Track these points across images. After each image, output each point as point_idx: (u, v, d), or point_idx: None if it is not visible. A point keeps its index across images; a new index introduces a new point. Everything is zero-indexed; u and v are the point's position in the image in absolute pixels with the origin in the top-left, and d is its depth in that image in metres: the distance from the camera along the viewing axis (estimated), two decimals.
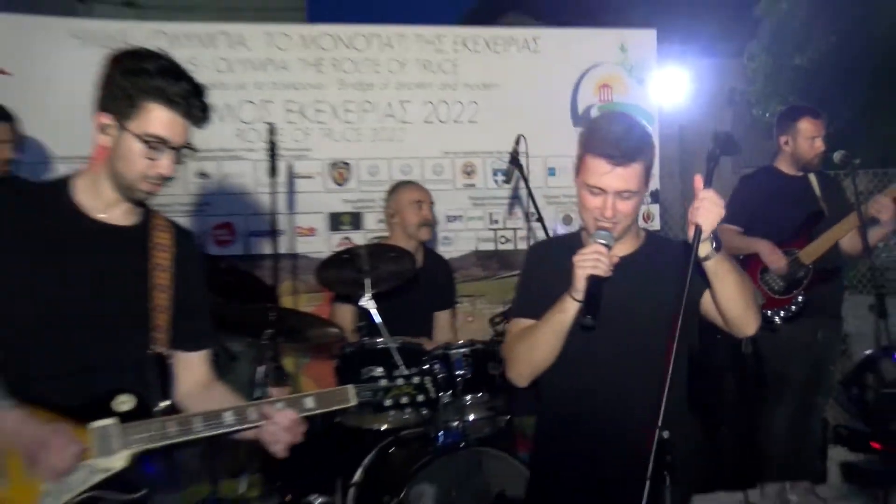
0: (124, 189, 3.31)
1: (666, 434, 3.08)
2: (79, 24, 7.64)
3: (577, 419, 3.72)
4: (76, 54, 7.11)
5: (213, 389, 3.61)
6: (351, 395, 3.55)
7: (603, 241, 3.51)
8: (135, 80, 3.18)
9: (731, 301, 3.57)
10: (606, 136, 3.66)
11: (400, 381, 3.66)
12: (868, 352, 7.88)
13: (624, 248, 3.68)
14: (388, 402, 3.65)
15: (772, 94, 16.44)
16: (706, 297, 3.65)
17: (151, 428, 3.23)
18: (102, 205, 3.35)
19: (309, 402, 3.46)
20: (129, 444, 3.18)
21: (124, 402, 3.24)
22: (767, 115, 16.23)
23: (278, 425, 3.36)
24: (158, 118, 3.21)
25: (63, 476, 3.07)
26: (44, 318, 3.22)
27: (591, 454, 3.69)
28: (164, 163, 3.27)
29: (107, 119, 3.23)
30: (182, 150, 3.32)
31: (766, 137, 16.52)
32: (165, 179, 3.33)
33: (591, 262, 3.45)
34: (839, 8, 15.49)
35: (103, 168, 3.29)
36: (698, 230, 3.31)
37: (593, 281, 3.45)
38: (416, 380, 3.67)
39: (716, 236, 3.43)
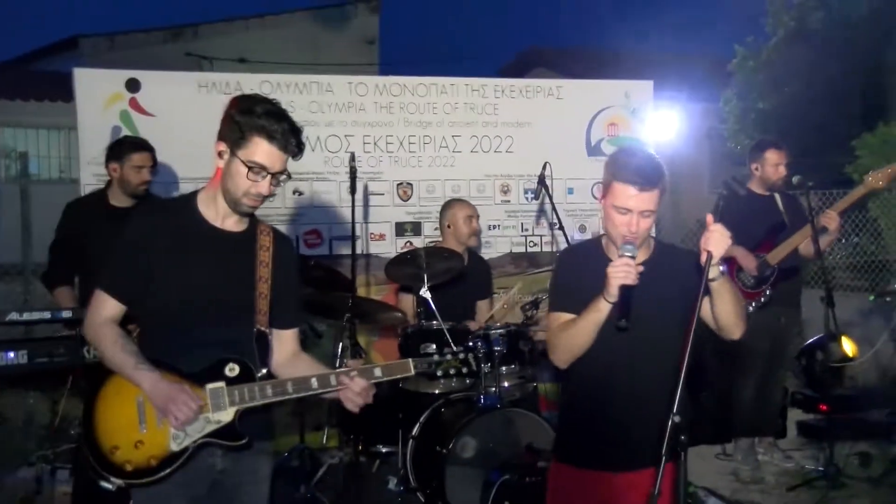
0: (232, 203, 3.34)
1: (678, 419, 2.99)
2: (204, 77, 7.78)
3: (599, 394, 3.65)
4: (201, 99, 7.13)
5: (299, 359, 3.61)
6: (410, 367, 3.58)
7: (629, 254, 3.39)
8: (246, 118, 3.23)
9: (727, 314, 3.54)
10: (631, 167, 3.58)
11: (448, 357, 3.67)
12: (818, 336, 7.76)
13: (639, 256, 3.50)
14: (439, 373, 3.67)
15: (741, 131, 16.56)
16: (704, 305, 3.49)
17: (254, 389, 3.32)
18: (219, 216, 3.40)
19: (377, 372, 3.49)
20: (235, 401, 3.29)
21: (233, 369, 3.32)
22: (738, 147, 16.30)
23: (352, 390, 3.40)
24: (261, 149, 3.24)
25: (186, 424, 3.19)
26: (179, 305, 3.31)
27: (610, 417, 3.64)
28: (263, 184, 3.29)
29: (222, 146, 3.28)
30: (280, 176, 3.32)
31: (736, 164, 16.57)
32: (265, 197, 3.35)
33: (623, 273, 3.34)
34: (792, 67, 15.52)
35: (219, 187, 3.34)
36: (709, 256, 3.29)
37: (625, 289, 3.35)
38: (461, 356, 3.69)
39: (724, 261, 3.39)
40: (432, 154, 7.71)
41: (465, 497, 5.32)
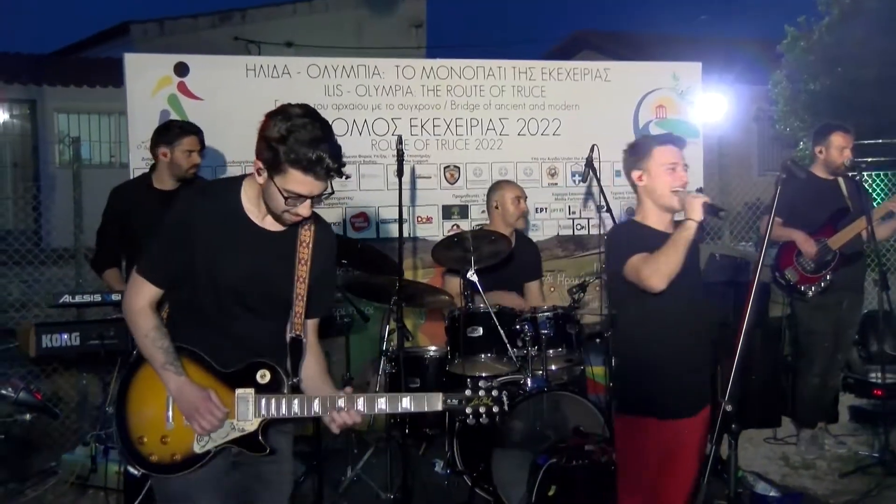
0: (274, 216, 3.25)
1: (730, 408, 3.15)
2: (252, 60, 7.68)
3: (667, 347, 4.06)
4: (249, 83, 7.19)
5: (311, 353, 3.49)
6: (439, 403, 3.35)
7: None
8: (281, 146, 3.04)
9: None
10: (662, 135, 4.31)
11: (482, 394, 3.34)
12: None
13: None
14: (468, 410, 3.34)
15: (790, 113, 16.24)
16: None
17: (280, 403, 3.28)
18: (261, 214, 3.29)
19: (405, 403, 3.35)
20: (261, 412, 3.27)
21: (264, 375, 3.29)
22: (787, 129, 16.05)
23: (344, 418, 3.31)
24: (296, 180, 3.08)
25: (211, 432, 3.21)
26: (214, 297, 3.26)
27: (678, 368, 4.06)
28: (302, 209, 3.17)
29: (259, 165, 3.14)
30: (321, 196, 3.19)
31: (785, 147, 16.35)
32: (305, 218, 3.25)
33: (702, 198, 3.96)
34: (845, 47, 15.21)
35: (260, 193, 3.23)
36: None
37: (707, 205, 3.96)
38: (494, 393, 3.35)
39: None
40: (479, 137, 7.67)
41: (512, 480, 5.29)
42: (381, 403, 3.33)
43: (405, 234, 6.38)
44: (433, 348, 6.18)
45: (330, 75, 7.36)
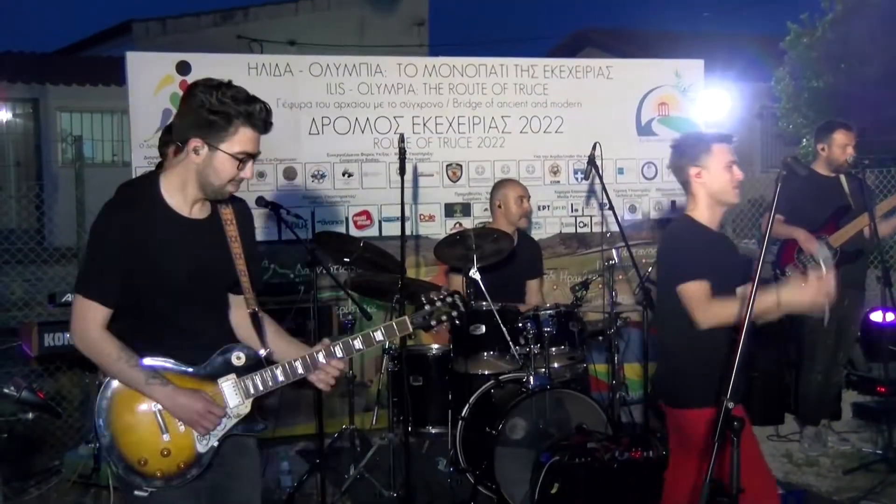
0: (215, 193, 3.24)
1: (731, 405, 3.14)
2: (254, 59, 7.70)
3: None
4: (251, 82, 6.97)
5: (266, 324, 3.54)
6: (408, 325, 3.52)
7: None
8: (224, 107, 3.07)
9: None
10: (723, 134, 4.22)
11: (438, 304, 3.53)
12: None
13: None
14: (433, 322, 3.55)
15: (793, 111, 16.26)
16: None
17: (266, 377, 3.32)
18: (186, 205, 3.25)
19: (378, 336, 3.44)
20: (250, 393, 3.30)
21: (239, 357, 3.31)
22: (791, 127, 16.05)
23: (328, 372, 3.40)
24: (247, 138, 3.14)
25: (214, 429, 3.23)
26: (165, 298, 3.22)
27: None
28: (248, 169, 3.21)
29: (197, 142, 3.11)
30: (257, 157, 3.24)
31: (788, 144, 16.34)
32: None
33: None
34: (849, 44, 15.21)
35: (188, 177, 3.20)
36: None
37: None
38: (449, 300, 3.54)
39: None
40: (482, 135, 7.65)
41: (515, 478, 5.31)
42: (357, 344, 3.41)
43: (407, 233, 6.35)
44: (436, 346, 6.19)
45: (332, 73, 7.34)
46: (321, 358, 3.35)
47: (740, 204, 11.92)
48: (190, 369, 3.24)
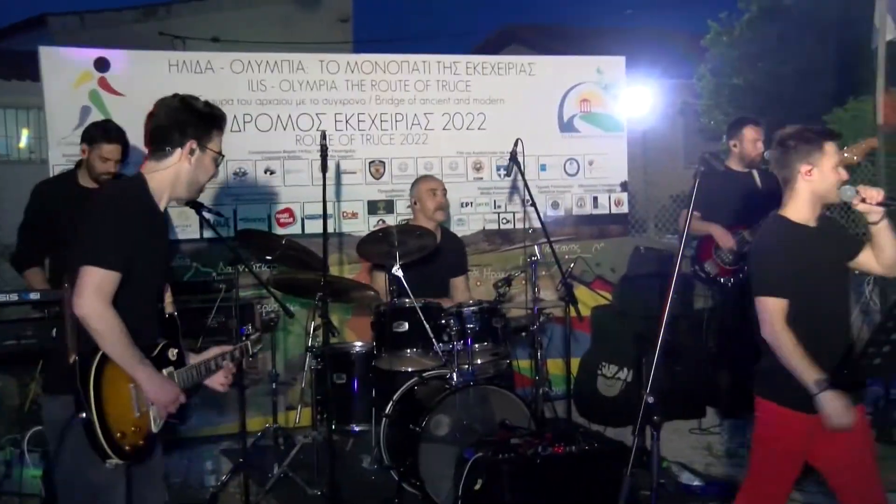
0: (198, 191, 3.71)
1: (651, 399, 3.17)
2: (175, 56, 7.59)
3: (819, 341, 3.89)
4: (172, 79, 7.03)
5: None
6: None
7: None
8: (209, 113, 3.62)
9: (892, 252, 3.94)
10: (832, 131, 4.04)
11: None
12: None
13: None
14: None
15: (715, 107, 16.57)
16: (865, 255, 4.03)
17: (192, 373, 3.66)
18: (163, 202, 3.61)
19: (237, 353, 3.99)
20: (183, 385, 3.57)
21: (173, 353, 3.59)
22: (712, 123, 16.34)
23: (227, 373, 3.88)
24: (220, 139, 3.68)
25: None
26: (147, 284, 3.51)
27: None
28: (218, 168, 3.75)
29: (194, 144, 3.55)
30: None
31: (710, 140, 16.63)
32: None
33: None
34: (765, 43, 15.55)
35: (183, 177, 3.59)
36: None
37: None
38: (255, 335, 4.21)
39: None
40: (404, 132, 7.66)
41: (440, 474, 5.31)
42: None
43: (330, 230, 6.37)
44: (359, 344, 6.19)
45: (254, 70, 7.29)
46: (225, 362, 3.84)
47: (662, 199, 12.13)
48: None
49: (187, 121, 3.55)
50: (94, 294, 3.25)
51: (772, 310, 3.92)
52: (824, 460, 4.04)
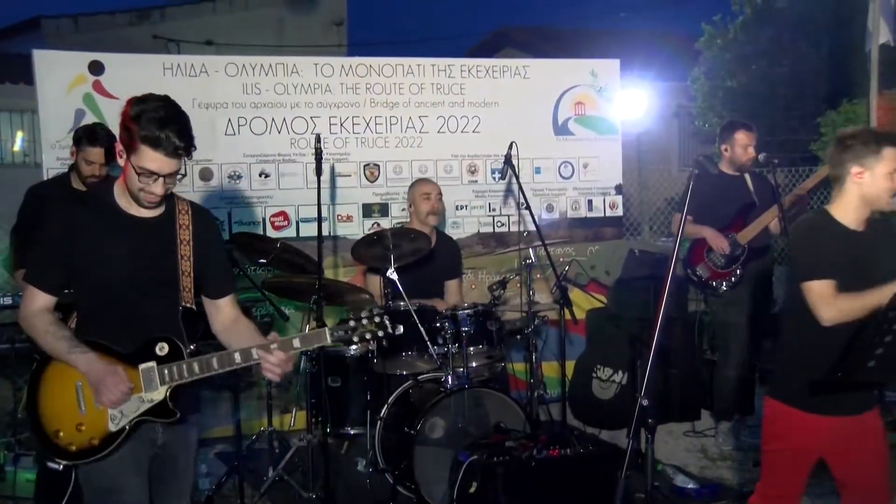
0: (133, 198, 3.46)
1: (646, 402, 3.18)
2: (169, 59, 7.57)
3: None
4: (166, 82, 7.01)
5: (240, 323, 3.77)
6: (326, 336, 3.54)
7: None
8: (134, 125, 3.29)
9: None
10: (893, 136, 3.94)
11: (365, 322, 3.56)
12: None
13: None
14: (356, 339, 3.54)
15: (709, 109, 16.62)
16: None
17: (182, 367, 3.45)
18: (132, 204, 3.49)
19: (296, 343, 3.52)
20: (166, 380, 3.43)
21: (162, 348, 3.45)
22: (706, 125, 16.38)
23: (271, 361, 3.46)
24: (148, 157, 3.32)
25: (119, 405, 3.35)
26: (103, 289, 3.45)
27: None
28: (156, 186, 3.39)
29: (120, 148, 3.40)
30: (175, 176, 3.43)
31: (704, 143, 16.68)
32: (161, 196, 3.45)
33: None
34: (759, 46, 15.60)
35: (124, 179, 3.45)
36: None
37: None
38: (377, 319, 3.57)
39: None
40: (399, 135, 7.66)
41: (434, 477, 5.32)
42: (274, 347, 3.49)
43: (325, 233, 6.37)
44: (354, 347, 6.18)
45: (248, 74, 7.29)
46: (238, 358, 3.48)
47: (657, 202, 12.15)
48: (120, 351, 3.42)
49: (120, 127, 3.38)
50: (24, 307, 3.44)
51: (818, 292, 3.81)
52: (837, 462, 4.04)
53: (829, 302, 3.77)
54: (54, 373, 3.40)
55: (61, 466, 3.34)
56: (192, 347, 3.52)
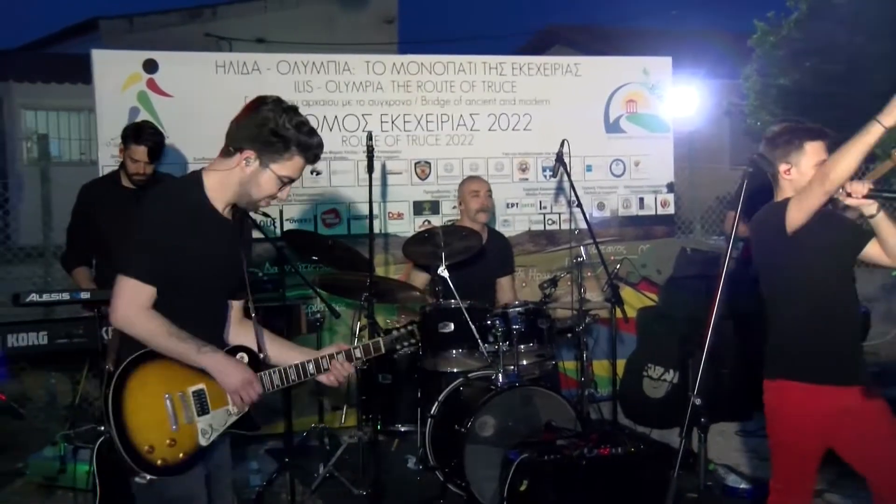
0: (250, 205, 3.43)
1: (698, 401, 3.19)
2: (221, 57, 7.64)
3: (824, 314, 3.96)
4: (219, 80, 7.12)
5: (245, 324, 3.65)
6: (381, 346, 3.82)
7: None
8: (289, 133, 3.26)
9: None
10: (818, 129, 4.01)
11: (403, 331, 3.94)
12: None
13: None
14: (398, 347, 3.96)
15: (761, 108, 16.41)
16: (871, 247, 3.97)
17: (264, 379, 3.42)
18: (222, 204, 3.39)
19: (357, 353, 3.68)
20: (266, 389, 3.45)
21: (243, 358, 3.42)
22: (759, 123, 16.20)
23: (338, 371, 3.58)
24: (297, 166, 3.34)
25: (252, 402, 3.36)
26: (194, 287, 3.34)
27: (837, 333, 3.99)
28: (285, 192, 3.41)
29: (251, 154, 3.29)
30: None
31: (757, 141, 16.47)
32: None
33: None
34: (813, 42, 15.38)
35: (234, 183, 3.34)
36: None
37: None
38: (409, 328, 3.96)
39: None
40: (450, 132, 7.66)
41: (485, 475, 5.30)
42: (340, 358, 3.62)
43: (376, 231, 6.38)
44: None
45: (300, 71, 7.33)
46: (311, 367, 3.54)
47: (708, 200, 12.03)
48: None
49: (258, 132, 3.26)
50: (128, 304, 3.18)
51: (803, 188, 3.86)
52: (843, 445, 3.99)
53: (820, 177, 3.73)
54: (138, 385, 3.18)
55: (146, 481, 3.14)
56: (263, 356, 3.50)
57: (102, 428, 3.28)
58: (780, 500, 4.12)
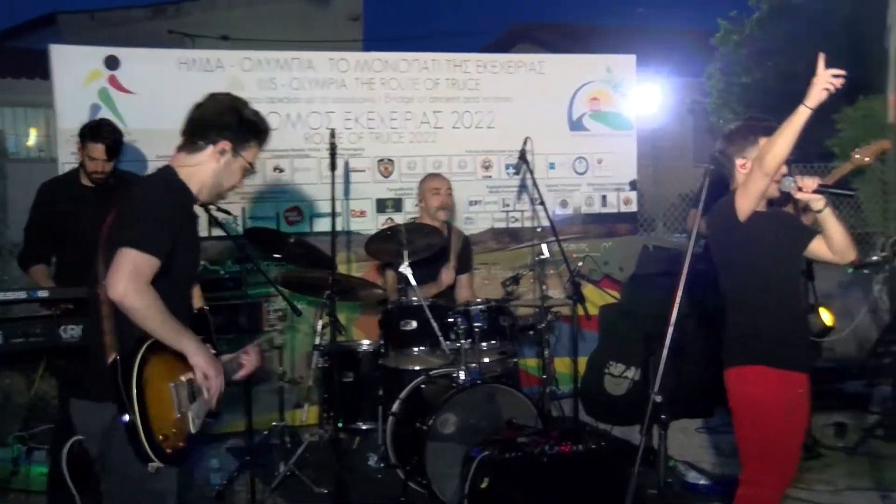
0: (217, 196, 3.58)
1: (659, 398, 3.31)
2: (184, 54, 7.63)
3: (787, 302, 4.11)
4: (182, 76, 7.05)
5: None
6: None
7: None
8: (253, 121, 3.49)
9: (839, 238, 3.96)
10: (770, 126, 4.05)
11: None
12: None
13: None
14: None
15: (723, 106, 16.56)
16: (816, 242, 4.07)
17: (227, 367, 3.53)
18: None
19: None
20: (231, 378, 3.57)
21: (209, 350, 3.42)
22: (721, 121, 16.35)
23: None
24: (256, 151, 3.54)
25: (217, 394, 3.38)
26: (180, 276, 3.37)
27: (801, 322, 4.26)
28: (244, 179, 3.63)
29: (227, 145, 3.42)
30: None
31: (718, 139, 16.64)
32: None
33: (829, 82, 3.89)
34: (774, 42, 15.54)
35: (207, 176, 3.44)
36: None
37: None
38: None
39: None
40: (413, 130, 7.64)
41: (446, 473, 5.30)
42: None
43: (339, 228, 6.34)
44: (366, 342, 6.19)
45: (263, 69, 7.28)
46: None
47: (671, 198, 12.10)
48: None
49: (230, 122, 3.41)
50: (130, 276, 3.08)
51: (749, 171, 3.99)
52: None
53: (759, 158, 3.87)
54: (153, 374, 3.13)
55: (154, 469, 3.07)
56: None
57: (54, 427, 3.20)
58: (754, 492, 4.12)
